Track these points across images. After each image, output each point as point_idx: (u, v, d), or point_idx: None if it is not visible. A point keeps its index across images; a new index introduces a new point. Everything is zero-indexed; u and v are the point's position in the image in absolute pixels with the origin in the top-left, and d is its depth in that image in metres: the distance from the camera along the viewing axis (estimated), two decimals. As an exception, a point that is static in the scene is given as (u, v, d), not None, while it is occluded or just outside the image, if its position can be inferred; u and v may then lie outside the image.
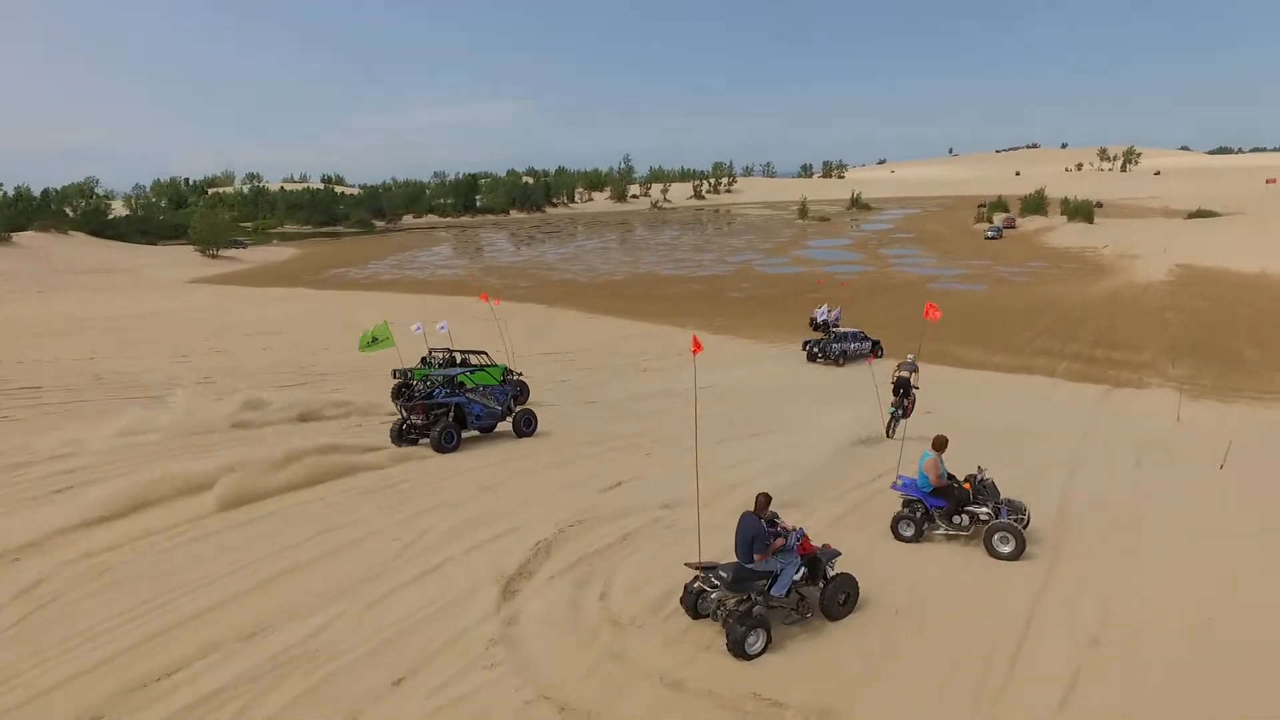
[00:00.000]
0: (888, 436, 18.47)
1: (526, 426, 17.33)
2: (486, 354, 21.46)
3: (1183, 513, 13.34)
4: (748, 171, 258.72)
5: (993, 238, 77.28)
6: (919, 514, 11.66)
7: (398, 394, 19.29)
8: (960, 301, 47.37)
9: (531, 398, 21.85)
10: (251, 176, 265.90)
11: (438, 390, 16.17)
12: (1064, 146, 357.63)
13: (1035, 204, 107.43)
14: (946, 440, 11.84)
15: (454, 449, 15.73)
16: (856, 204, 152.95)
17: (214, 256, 78.92)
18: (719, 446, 17.19)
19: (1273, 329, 36.56)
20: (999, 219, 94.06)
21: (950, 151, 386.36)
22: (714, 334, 39.03)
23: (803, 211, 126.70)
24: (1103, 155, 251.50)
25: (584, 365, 29.27)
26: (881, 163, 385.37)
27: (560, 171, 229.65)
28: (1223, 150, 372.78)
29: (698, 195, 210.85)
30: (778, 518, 9.49)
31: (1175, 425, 21.91)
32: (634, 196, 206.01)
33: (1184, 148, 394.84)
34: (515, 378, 20.96)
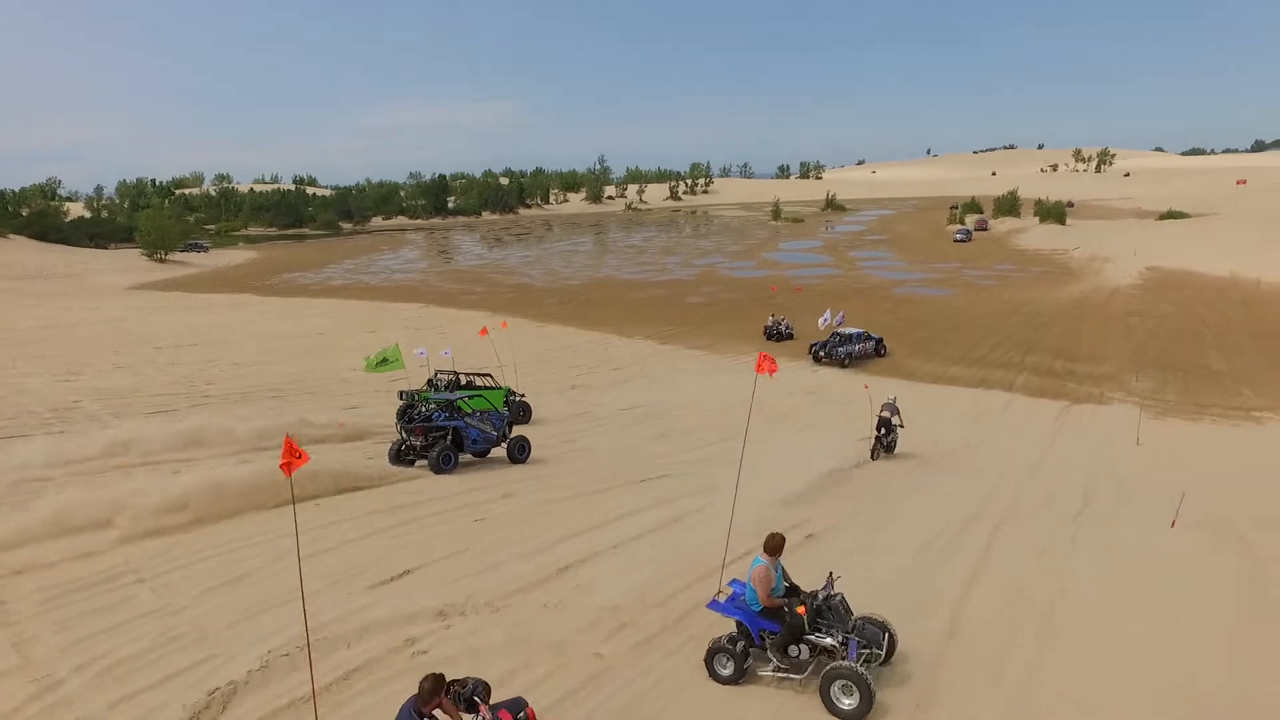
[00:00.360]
0: (871, 459, 18.70)
1: (520, 453, 17.10)
2: (491, 375, 21.96)
3: (1113, 615, 9.94)
4: (725, 172, 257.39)
5: (962, 240, 75.95)
6: (740, 645, 8.38)
7: (403, 415, 19.25)
8: (923, 308, 45.78)
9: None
10: (221, 177, 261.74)
11: (436, 414, 16.29)
12: (1040, 147, 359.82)
13: (1008, 205, 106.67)
14: (783, 541, 8.50)
15: (450, 471, 15.75)
16: (831, 205, 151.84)
17: (162, 261, 75.90)
18: (593, 501, 14.44)
19: (1241, 336, 35.19)
20: (970, 221, 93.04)
21: (929, 152, 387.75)
22: (663, 343, 37.14)
23: (776, 213, 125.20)
24: (1078, 156, 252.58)
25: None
26: (860, 163, 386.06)
27: (537, 173, 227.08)
28: (1195, 151, 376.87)
29: (674, 196, 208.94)
30: (480, 699, 6.52)
31: (1134, 450, 20.23)
32: (609, 198, 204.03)
33: (1158, 149, 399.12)
34: (518, 399, 21.47)
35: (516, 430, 17.90)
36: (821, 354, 32.97)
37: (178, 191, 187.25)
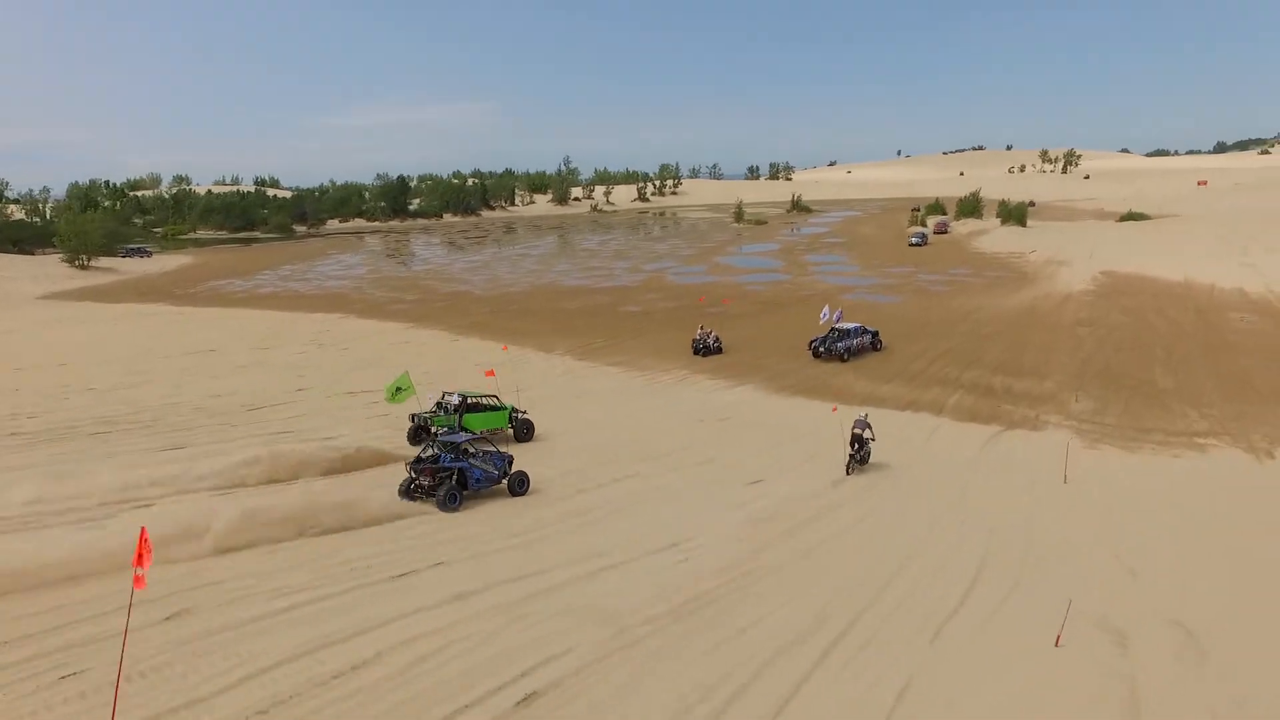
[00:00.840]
0: (846, 474, 19.15)
1: (520, 487, 17.53)
2: (497, 397, 22.62)
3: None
4: (694, 174, 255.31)
5: (917, 244, 73.83)
6: None
7: (414, 437, 20.89)
8: (869, 317, 43.58)
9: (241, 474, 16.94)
10: (179, 179, 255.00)
11: (444, 456, 16.73)
12: (1009, 148, 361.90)
13: (970, 206, 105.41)
14: None
15: (457, 509, 16.23)
16: (797, 206, 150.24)
17: (84, 267, 71.84)
18: (343, 601, 11.65)
19: (1191, 347, 33.32)
20: (932, 223, 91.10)
21: (899, 153, 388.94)
22: (581, 359, 34.55)
23: (739, 215, 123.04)
24: (1044, 157, 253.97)
25: (379, 411, 24.33)
26: (832, 164, 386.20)
27: (506, 174, 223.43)
28: (1160, 153, 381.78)
29: (642, 198, 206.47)
30: None
31: (1059, 491, 17.94)
32: (576, 199, 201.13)
33: (1124, 150, 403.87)
34: (521, 416, 22.58)
35: (519, 448, 19.89)
36: (821, 350, 33.59)
37: (132, 193, 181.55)
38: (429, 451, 16.91)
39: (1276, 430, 22.86)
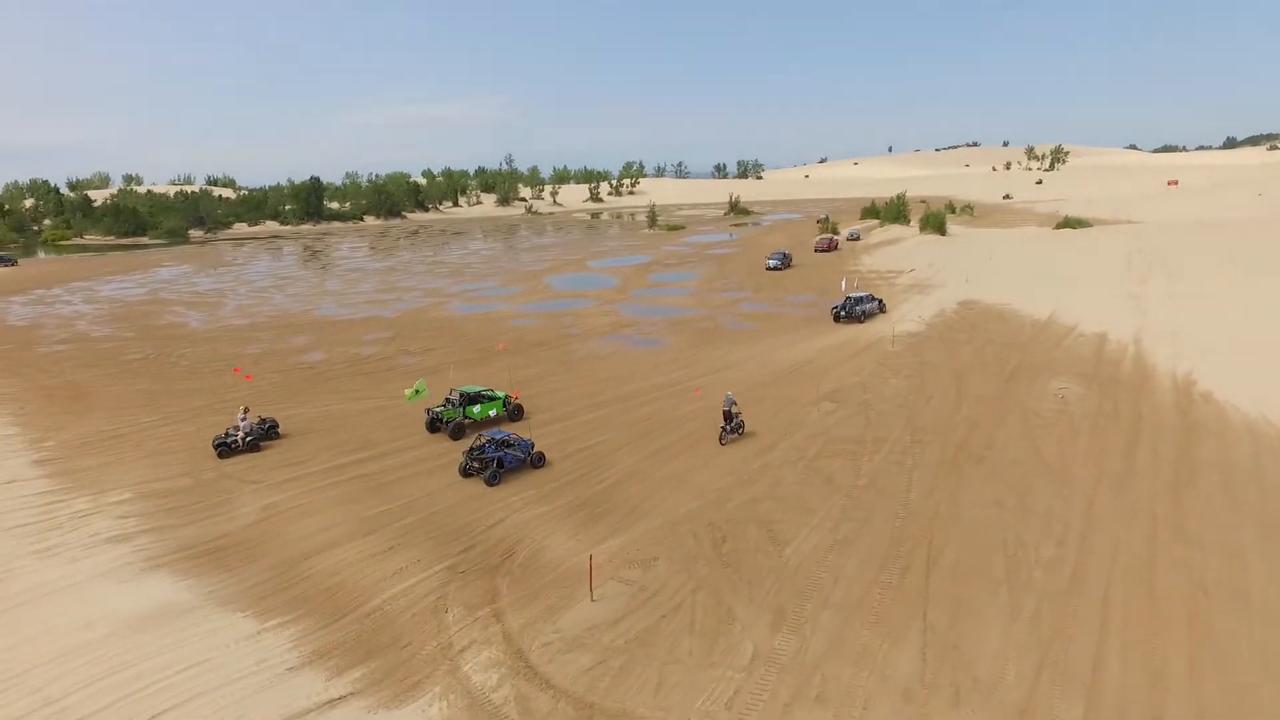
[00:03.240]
0: (720, 443, 22.84)
1: (539, 462, 21.98)
2: (492, 389, 26.72)
3: None
4: (660, 172, 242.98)
5: (775, 268, 61.23)
6: None
7: (431, 426, 25.21)
8: (540, 387, 32.02)
9: None
10: (129, 179, 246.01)
11: (488, 446, 21.27)
12: (1005, 144, 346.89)
13: (895, 211, 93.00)
14: None
15: (498, 483, 20.69)
16: (735, 209, 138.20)
17: None
18: None
19: (934, 457, 21.50)
20: (818, 240, 76.37)
21: (889, 150, 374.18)
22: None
23: (651, 219, 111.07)
24: (1030, 154, 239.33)
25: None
26: (822, 161, 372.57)
27: (459, 173, 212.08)
28: (1168, 148, 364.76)
29: (594, 198, 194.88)
30: None
31: None
32: (522, 199, 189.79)
33: (1132, 146, 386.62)
34: (514, 401, 26.78)
35: (512, 427, 25.35)
36: (842, 314, 39.79)
37: (77, 194, 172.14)
38: (479, 443, 21.60)
39: None
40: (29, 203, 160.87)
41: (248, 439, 23.85)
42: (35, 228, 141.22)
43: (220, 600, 15.33)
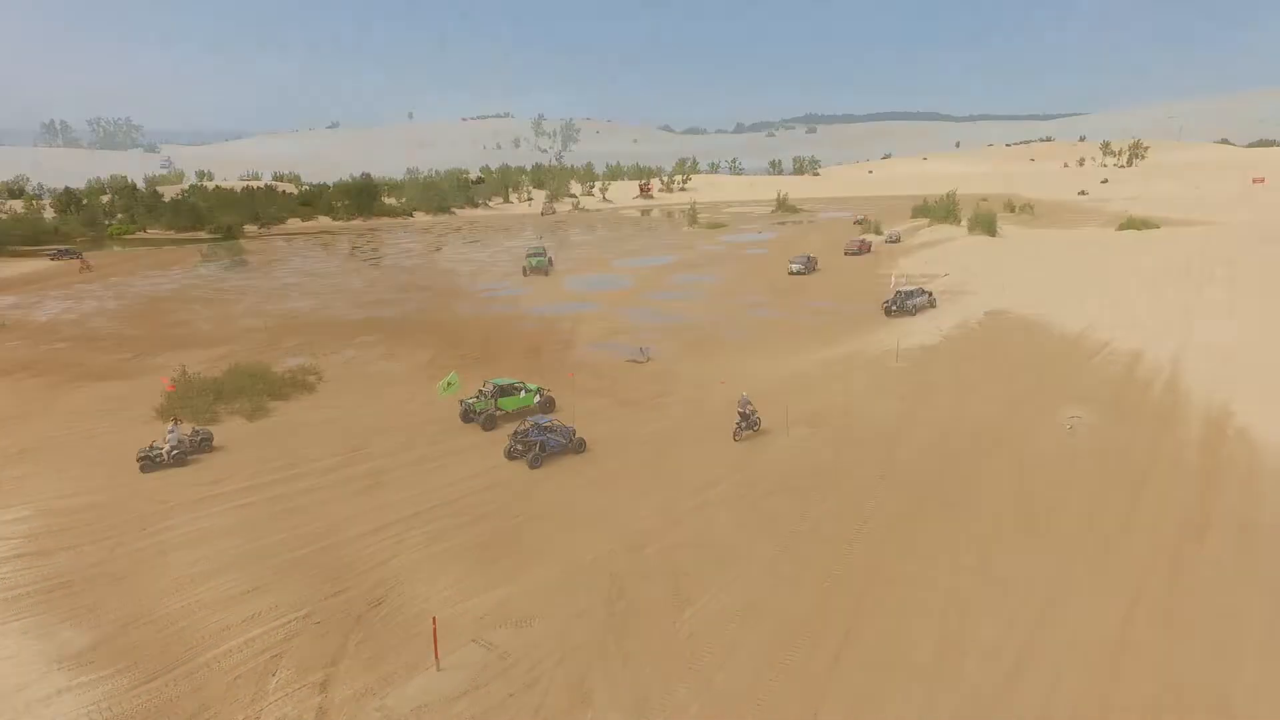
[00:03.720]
0: (734, 439, 23.12)
1: (581, 448, 22.93)
2: (524, 382, 27.41)
3: None
4: (714, 168, 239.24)
5: (799, 272, 57.85)
6: None
7: (465, 417, 25.70)
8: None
9: None
10: (201, 174, 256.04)
11: (532, 431, 22.31)
12: (1081, 139, 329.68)
13: (945, 210, 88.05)
14: None
15: (541, 466, 21.69)
16: (782, 205, 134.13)
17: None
18: None
19: (888, 506, 18.84)
20: (848, 242, 71.57)
21: (957, 145, 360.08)
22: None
23: (692, 217, 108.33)
24: (1106, 150, 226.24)
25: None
26: (886, 157, 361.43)
27: (515, 169, 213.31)
28: (1263, 143, 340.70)
29: (644, 194, 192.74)
30: None
31: None
32: (571, 196, 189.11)
33: (1224, 140, 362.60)
34: (546, 393, 27.14)
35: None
36: (893, 308, 40.08)
37: (155, 189, 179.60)
38: (523, 428, 22.58)
39: None
40: (105, 198, 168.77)
41: (173, 452, 22.76)
42: (107, 222, 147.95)
43: (45, 649, 13.99)
